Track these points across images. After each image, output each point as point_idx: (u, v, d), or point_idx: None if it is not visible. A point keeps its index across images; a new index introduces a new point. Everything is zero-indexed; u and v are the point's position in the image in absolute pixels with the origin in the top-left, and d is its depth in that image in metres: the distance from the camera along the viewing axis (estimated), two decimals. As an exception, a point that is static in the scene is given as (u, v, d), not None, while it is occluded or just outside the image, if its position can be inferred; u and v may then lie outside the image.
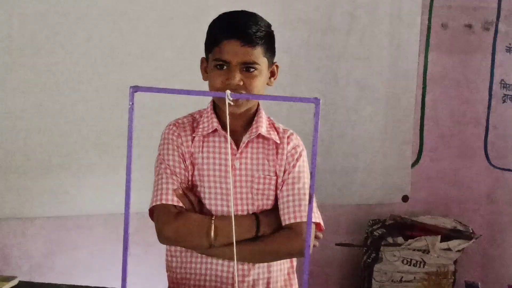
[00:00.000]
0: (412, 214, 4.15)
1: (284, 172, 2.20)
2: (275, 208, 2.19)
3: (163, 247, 3.67)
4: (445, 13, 4.11)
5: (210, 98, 2.24)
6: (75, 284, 2.28)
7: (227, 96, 1.19)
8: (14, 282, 2.12)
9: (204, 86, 3.45)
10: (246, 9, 2.20)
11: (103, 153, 3.47)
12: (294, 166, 2.20)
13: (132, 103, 1.17)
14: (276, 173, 2.20)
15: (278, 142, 2.20)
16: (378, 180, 4.09)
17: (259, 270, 2.20)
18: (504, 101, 4.12)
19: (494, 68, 4.15)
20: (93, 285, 2.17)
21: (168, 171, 2.17)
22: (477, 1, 4.13)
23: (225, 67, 2.08)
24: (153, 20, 3.47)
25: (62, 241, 3.60)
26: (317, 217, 2.19)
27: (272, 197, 2.20)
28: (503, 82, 4.12)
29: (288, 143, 2.22)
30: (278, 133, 2.23)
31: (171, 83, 3.44)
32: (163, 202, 2.14)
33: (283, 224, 2.14)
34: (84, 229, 3.62)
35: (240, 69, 2.08)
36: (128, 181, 1.21)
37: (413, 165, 4.20)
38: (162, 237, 2.15)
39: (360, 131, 4.00)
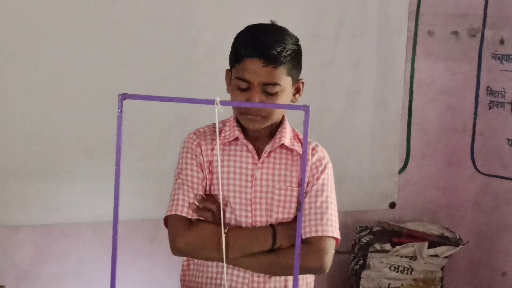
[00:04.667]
0: (399, 221, 4.16)
1: (308, 184, 2.15)
2: (294, 220, 2.14)
3: (151, 254, 3.68)
4: (432, 20, 4.13)
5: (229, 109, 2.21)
6: (63, 292, 2.27)
7: (216, 103, 1.19)
8: (2, 291, 2.12)
9: (192, 92, 3.46)
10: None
11: (91, 160, 3.45)
12: (318, 179, 2.15)
13: (121, 111, 1.17)
14: (298, 184, 2.14)
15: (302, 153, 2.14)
16: (365, 187, 4.09)
17: (275, 284, 2.16)
18: (490, 108, 4.13)
19: (481, 74, 4.17)
20: (81, 293, 2.16)
21: (186, 182, 2.14)
22: (463, 8, 4.15)
23: (246, 86, 2.04)
24: (141, 26, 3.46)
25: (49, 249, 3.58)
26: (336, 233, 2.13)
27: (293, 210, 2.15)
28: (489, 88, 4.13)
29: (313, 155, 2.18)
30: (302, 144, 2.17)
31: (160, 88, 3.44)
32: (177, 213, 2.11)
33: (303, 237, 2.09)
34: (72, 237, 3.60)
35: (262, 89, 2.03)
36: (116, 189, 1.21)
37: (400, 171, 4.21)
38: (174, 249, 2.12)
39: (348, 138, 4.00)
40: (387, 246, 3.83)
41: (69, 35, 3.35)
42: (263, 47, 2.02)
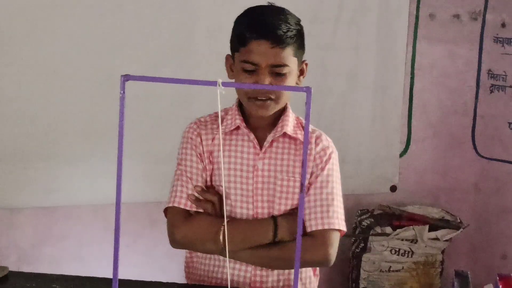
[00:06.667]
0: (400, 204, 4.16)
1: (312, 174, 2.10)
2: (297, 212, 2.07)
3: (152, 237, 3.69)
4: (433, 3, 4.11)
5: (235, 96, 2.16)
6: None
7: (218, 84, 1.18)
8: (4, 272, 2.12)
9: (192, 74, 3.46)
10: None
11: (93, 143, 3.46)
12: (322, 169, 2.10)
13: (123, 92, 1.16)
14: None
15: None
16: (366, 170, 4.09)
17: (278, 277, 2.13)
18: (491, 91, 4.13)
19: (482, 58, 4.16)
20: (82, 275, 2.16)
21: (184, 172, 2.11)
22: (465, -9, 4.14)
23: (253, 70, 1.99)
24: (142, 8, 3.45)
25: (50, 231, 3.59)
26: (342, 225, 2.09)
27: (296, 202, 2.09)
28: (490, 72, 4.13)
29: (317, 144, 2.13)
30: None
31: (160, 71, 3.43)
32: (175, 205, 2.08)
33: (308, 230, 2.06)
34: (73, 219, 3.61)
35: (269, 71, 1.98)
36: (119, 171, 1.21)
37: (401, 155, 4.21)
38: (172, 241, 2.10)
39: (348, 121, 3.99)
40: (388, 229, 3.84)
41: (68, 17, 3.34)
42: (269, 28, 1.98)
